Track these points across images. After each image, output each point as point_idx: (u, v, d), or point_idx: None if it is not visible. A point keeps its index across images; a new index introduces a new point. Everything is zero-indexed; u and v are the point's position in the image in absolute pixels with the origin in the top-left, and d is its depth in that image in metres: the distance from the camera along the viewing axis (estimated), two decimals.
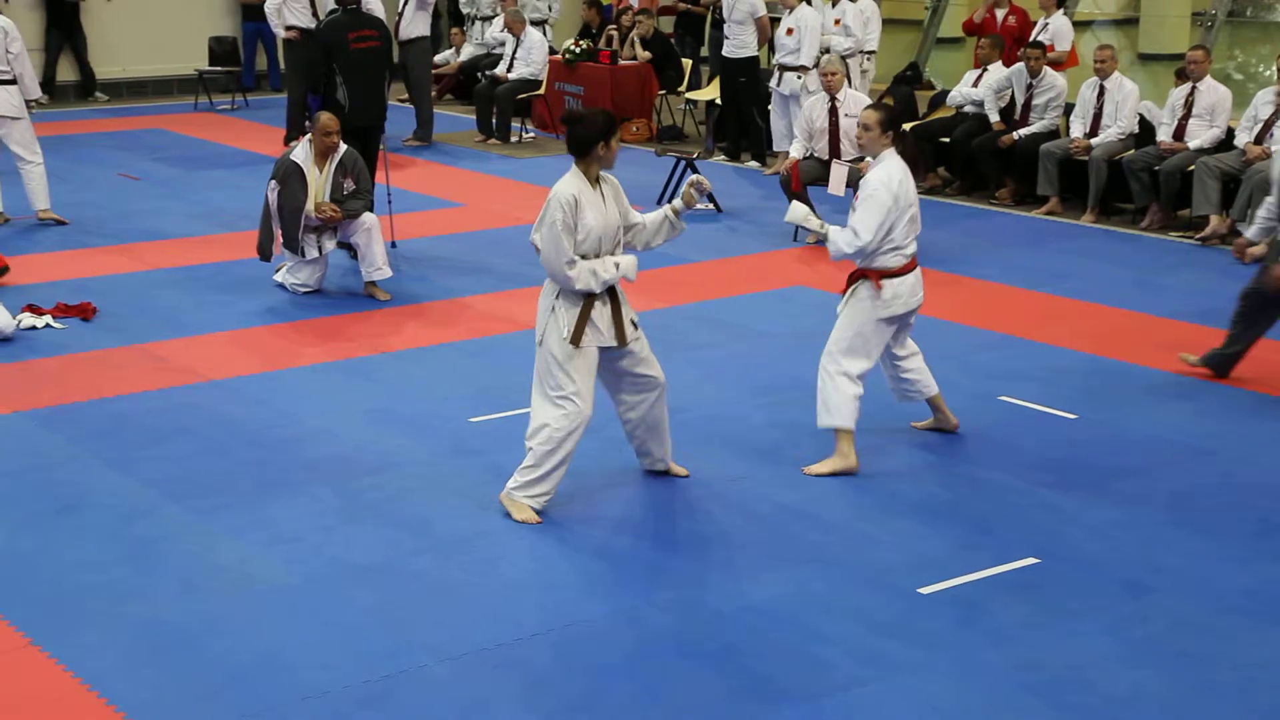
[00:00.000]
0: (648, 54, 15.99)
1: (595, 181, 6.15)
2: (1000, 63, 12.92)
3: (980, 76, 12.96)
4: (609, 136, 6.09)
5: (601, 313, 6.16)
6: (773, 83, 13.64)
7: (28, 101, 11.18)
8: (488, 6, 18.32)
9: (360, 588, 5.60)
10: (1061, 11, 13.55)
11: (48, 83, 17.60)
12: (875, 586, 5.64)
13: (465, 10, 18.70)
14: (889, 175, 6.51)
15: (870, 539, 6.06)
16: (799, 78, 13.08)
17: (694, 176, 6.39)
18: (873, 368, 6.70)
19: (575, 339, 6.09)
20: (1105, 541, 6.04)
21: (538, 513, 6.16)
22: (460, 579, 5.69)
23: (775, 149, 13.72)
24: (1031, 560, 5.86)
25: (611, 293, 6.20)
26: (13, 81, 11.01)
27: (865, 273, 6.63)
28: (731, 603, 5.50)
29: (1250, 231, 8.16)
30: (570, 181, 6.09)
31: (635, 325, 6.32)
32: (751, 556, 5.90)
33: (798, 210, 6.69)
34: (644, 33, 16.11)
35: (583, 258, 6.07)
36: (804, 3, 13.44)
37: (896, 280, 6.60)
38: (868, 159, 11.11)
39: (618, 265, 6.12)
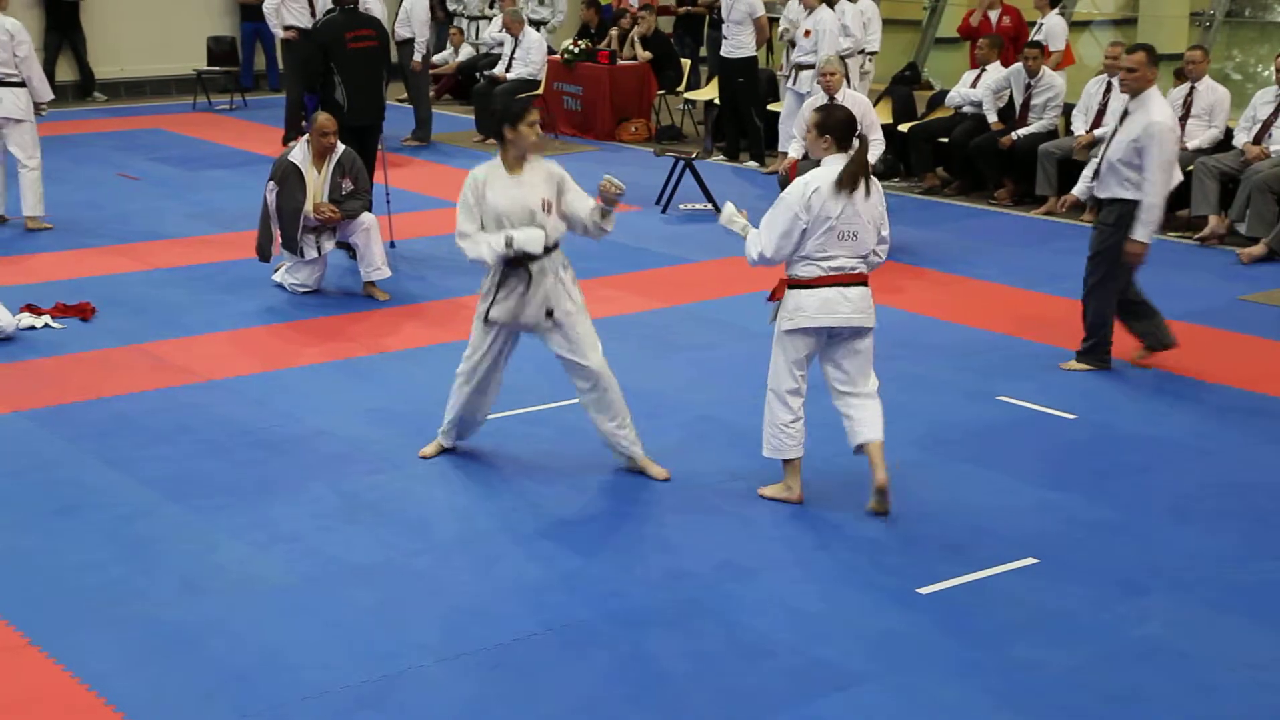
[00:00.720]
0: (649, 54, 16.00)
1: (516, 165, 6.44)
2: (998, 63, 12.92)
3: (978, 77, 12.96)
4: (515, 121, 6.36)
5: (514, 291, 6.43)
6: (789, 82, 13.64)
7: (37, 105, 11.13)
8: (475, 7, 18.30)
9: (359, 588, 5.60)
10: (1056, 11, 13.56)
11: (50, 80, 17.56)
12: (874, 587, 5.64)
13: (452, 8, 18.69)
14: (806, 182, 6.12)
15: (869, 539, 6.06)
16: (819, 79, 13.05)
17: (604, 179, 6.43)
18: (797, 385, 6.25)
19: (485, 314, 6.53)
20: (1104, 541, 6.04)
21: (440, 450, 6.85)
22: (459, 579, 5.69)
23: (781, 149, 13.71)
24: (1030, 560, 5.86)
25: (529, 274, 6.38)
26: (21, 84, 10.97)
27: (780, 279, 6.29)
28: (730, 603, 5.50)
29: (1076, 190, 8.33)
30: (486, 164, 6.51)
31: (550, 314, 6.44)
32: (750, 557, 5.90)
33: (728, 211, 6.40)
34: (645, 30, 16.12)
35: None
36: (823, 4, 13.43)
37: (804, 292, 6.15)
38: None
39: (510, 239, 6.29)
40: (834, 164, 6.19)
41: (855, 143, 6.20)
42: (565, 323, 6.46)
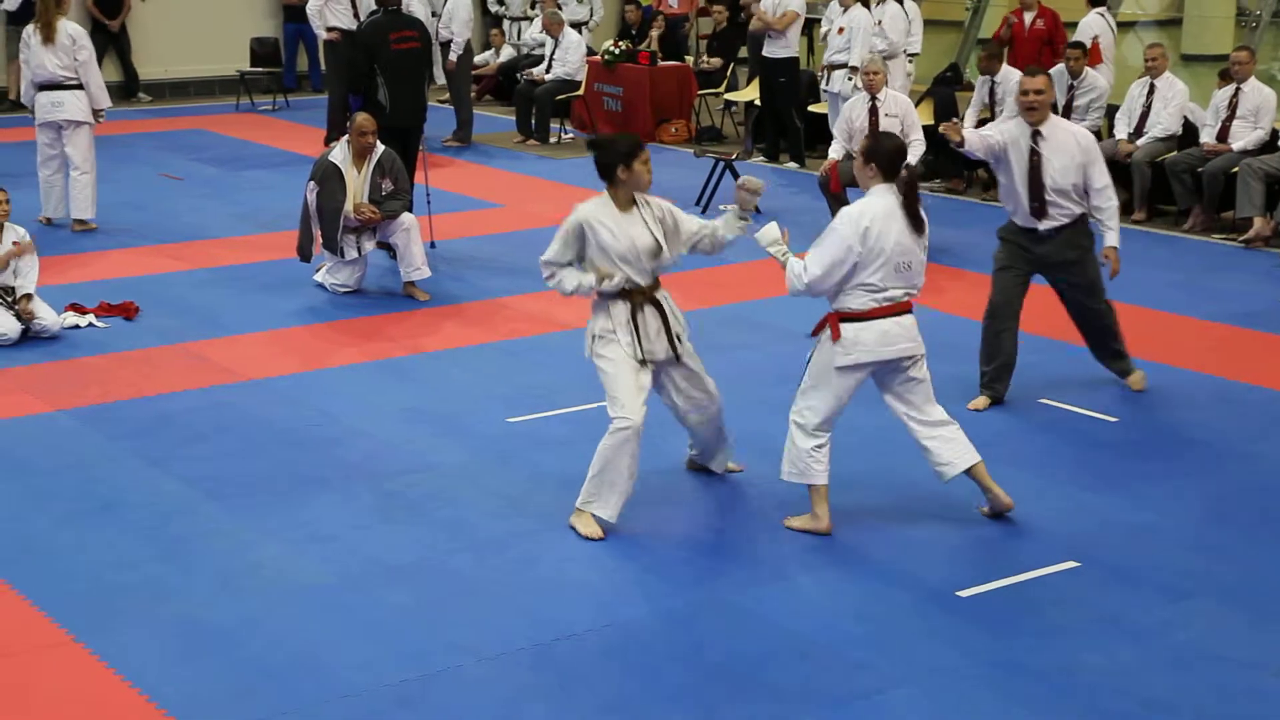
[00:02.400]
0: (717, 60, 16.10)
1: (628, 205, 6.12)
2: (1006, 69, 12.77)
3: (991, 89, 12.77)
4: (630, 160, 6.04)
5: (638, 320, 6.15)
6: (823, 84, 13.59)
7: (95, 111, 11.21)
8: (518, 8, 18.34)
9: (396, 587, 5.62)
10: (1096, 11, 13.48)
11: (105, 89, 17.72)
12: (912, 589, 5.62)
13: (493, 9, 18.73)
14: (860, 212, 5.98)
15: (908, 541, 6.03)
16: (849, 78, 13.02)
17: (741, 179, 6.31)
18: (833, 418, 6.12)
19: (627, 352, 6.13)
20: (1144, 545, 6.00)
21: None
22: (496, 579, 5.70)
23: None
24: (1070, 564, 5.82)
25: (655, 303, 6.20)
26: (81, 87, 11.07)
27: (828, 314, 6.10)
28: (767, 605, 5.49)
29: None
30: (593, 204, 6.14)
31: (679, 340, 6.29)
32: (787, 559, 5.89)
33: (769, 232, 6.19)
34: (719, 21, 16.25)
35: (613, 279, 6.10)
36: (858, 3, 13.39)
37: (858, 325, 6.00)
38: (907, 160, 11.04)
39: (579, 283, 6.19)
40: (881, 194, 6.06)
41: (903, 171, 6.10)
42: (689, 352, 6.35)
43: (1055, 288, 7.74)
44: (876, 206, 6.00)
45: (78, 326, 8.87)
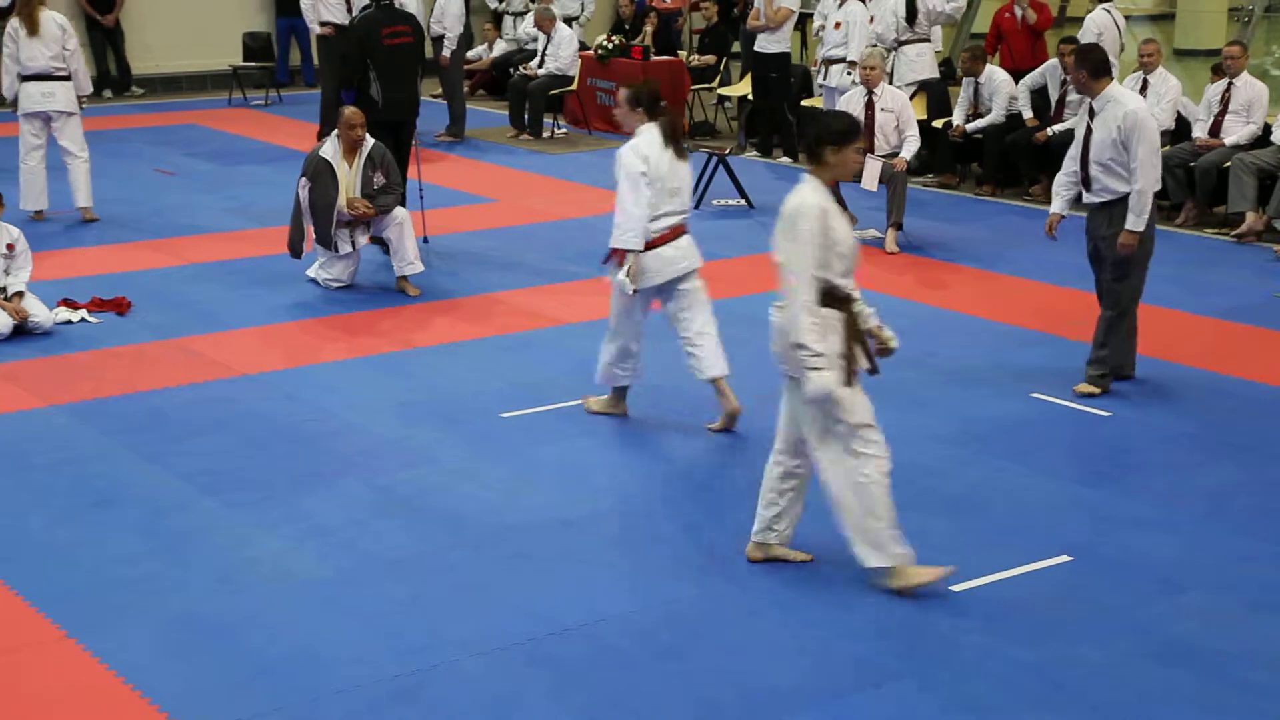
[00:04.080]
0: (710, 57, 16.12)
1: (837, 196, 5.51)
2: (989, 69, 12.77)
3: (975, 90, 12.77)
4: (843, 142, 5.32)
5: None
6: (820, 77, 13.60)
7: (78, 97, 11.32)
8: (518, 3, 18.33)
9: (393, 582, 5.62)
10: (1103, 8, 13.48)
11: (101, 77, 17.76)
12: None
13: (493, 5, 18.73)
14: (635, 145, 6.82)
15: (903, 536, 6.03)
16: (848, 72, 13.01)
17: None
18: (633, 333, 7.06)
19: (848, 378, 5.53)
20: (1139, 539, 6.01)
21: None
22: (492, 573, 5.70)
23: None
24: (1064, 558, 5.83)
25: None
26: (69, 78, 11.16)
27: (614, 249, 6.94)
28: (763, 599, 5.49)
29: (1056, 205, 7.93)
30: (812, 190, 5.35)
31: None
32: None
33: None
34: (709, 17, 16.22)
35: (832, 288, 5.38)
36: None
37: (646, 255, 6.88)
38: (902, 155, 11.05)
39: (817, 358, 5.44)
40: (648, 131, 6.86)
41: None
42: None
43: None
44: (649, 139, 6.85)
45: (70, 322, 8.86)
